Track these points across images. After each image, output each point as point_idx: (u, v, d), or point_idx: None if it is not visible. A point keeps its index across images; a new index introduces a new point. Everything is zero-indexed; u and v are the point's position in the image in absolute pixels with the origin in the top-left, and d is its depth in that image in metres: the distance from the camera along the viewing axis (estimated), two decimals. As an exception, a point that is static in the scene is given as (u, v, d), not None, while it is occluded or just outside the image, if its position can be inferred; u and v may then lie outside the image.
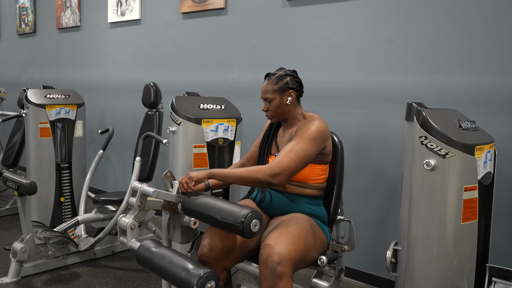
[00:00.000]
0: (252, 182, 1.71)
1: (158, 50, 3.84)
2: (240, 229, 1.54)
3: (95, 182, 4.56)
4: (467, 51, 2.27)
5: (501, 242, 2.21)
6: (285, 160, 1.71)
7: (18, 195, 2.44)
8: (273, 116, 1.91)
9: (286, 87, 1.86)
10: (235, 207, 1.60)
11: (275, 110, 1.89)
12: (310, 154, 1.75)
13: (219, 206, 1.64)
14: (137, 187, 1.78)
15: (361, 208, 2.69)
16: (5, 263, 2.80)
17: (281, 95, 1.87)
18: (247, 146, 3.09)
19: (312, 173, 1.86)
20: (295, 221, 1.75)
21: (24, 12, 5.37)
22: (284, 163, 1.70)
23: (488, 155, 1.67)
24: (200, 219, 1.72)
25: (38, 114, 3.22)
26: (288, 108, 1.89)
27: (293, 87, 1.88)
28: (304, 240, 1.68)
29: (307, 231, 1.73)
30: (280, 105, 1.88)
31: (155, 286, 2.59)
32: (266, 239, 1.65)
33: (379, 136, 2.59)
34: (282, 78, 1.87)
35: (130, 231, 1.79)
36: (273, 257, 1.56)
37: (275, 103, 1.88)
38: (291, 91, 1.87)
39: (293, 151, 1.73)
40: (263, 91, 1.90)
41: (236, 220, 1.55)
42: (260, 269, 1.60)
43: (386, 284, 2.61)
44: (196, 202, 1.71)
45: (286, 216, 1.83)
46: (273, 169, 1.69)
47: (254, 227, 1.55)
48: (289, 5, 2.93)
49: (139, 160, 2.74)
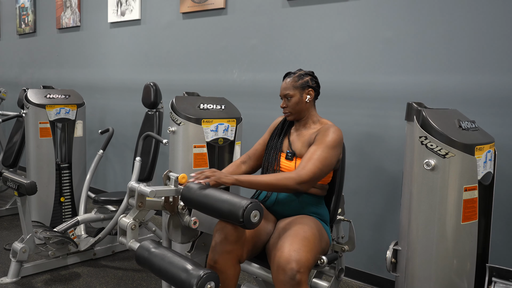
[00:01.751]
0: (280, 189, 1.76)
1: (158, 50, 3.84)
2: (239, 219, 1.52)
3: (95, 182, 4.57)
4: (467, 51, 2.27)
5: (501, 242, 2.21)
6: (313, 168, 1.76)
7: (18, 195, 2.44)
8: (291, 113, 1.95)
9: (306, 85, 1.93)
10: (235, 197, 1.59)
11: (293, 107, 1.93)
12: (332, 162, 1.81)
13: (219, 197, 1.62)
14: (134, 187, 1.77)
15: (361, 208, 2.69)
16: (5, 263, 2.80)
17: (301, 92, 1.93)
18: (247, 146, 3.09)
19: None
20: (306, 224, 1.75)
21: (24, 12, 5.37)
22: (312, 171, 1.75)
23: (488, 155, 1.67)
24: (200, 209, 1.71)
25: (38, 114, 3.22)
26: (306, 107, 1.94)
27: (312, 86, 1.95)
28: (317, 245, 1.70)
29: (318, 235, 1.74)
30: (299, 102, 1.93)
31: (155, 286, 2.59)
32: (281, 242, 1.64)
33: (379, 136, 2.59)
34: (303, 76, 1.94)
35: (130, 231, 1.78)
36: (292, 264, 1.55)
37: (294, 100, 1.92)
38: (310, 90, 1.94)
39: (319, 160, 1.77)
40: (284, 88, 1.95)
41: (236, 210, 1.53)
42: (278, 276, 1.58)
43: (386, 284, 2.61)
44: (196, 192, 1.70)
45: (295, 218, 1.83)
46: (302, 177, 1.74)
47: (254, 218, 1.54)
48: (289, 5, 2.93)
49: (139, 160, 2.74)
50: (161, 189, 1.75)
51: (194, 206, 1.72)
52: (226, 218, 1.60)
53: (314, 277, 1.91)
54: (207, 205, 1.64)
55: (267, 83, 3.07)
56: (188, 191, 1.72)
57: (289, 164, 1.92)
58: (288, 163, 1.92)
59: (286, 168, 1.92)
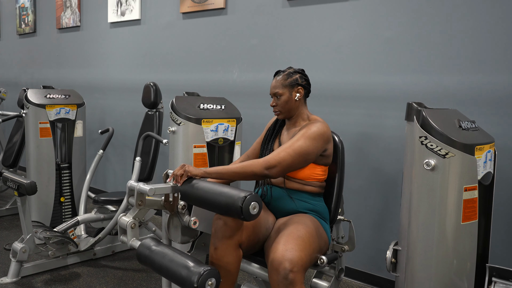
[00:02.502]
0: (248, 175, 1.76)
1: (158, 50, 3.84)
2: (239, 211, 1.52)
3: (95, 182, 4.57)
4: (467, 51, 2.27)
5: (501, 242, 2.21)
6: (282, 153, 1.76)
7: (18, 195, 2.44)
8: (281, 112, 1.95)
9: (295, 83, 1.92)
10: (234, 190, 1.59)
11: (283, 106, 1.93)
12: (308, 152, 1.79)
13: (218, 190, 1.63)
14: (133, 186, 1.77)
15: (361, 208, 2.69)
16: (5, 263, 2.80)
17: (290, 90, 1.92)
18: (247, 146, 3.09)
19: (313, 172, 1.88)
20: (302, 223, 1.75)
21: (24, 12, 5.37)
22: (280, 156, 1.76)
23: (488, 155, 1.68)
24: (199, 204, 1.71)
25: (38, 114, 3.22)
26: (296, 105, 1.94)
27: (302, 84, 1.94)
28: (312, 244, 1.69)
29: (314, 234, 1.74)
30: (289, 101, 1.92)
31: (155, 286, 2.59)
32: (275, 242, 1.65)
33: (379, 136, 2.59)
34: (292, 74, 1.94)
35: (131, 230, 1.79)
36: (284, 264, 1.55)
37: (284, 98, 1.92)
38: (300, 88, 1.93)
39: (291, 147, 1.78)
40: (273, 87, 1.94)
41: (234, 202, 1.53)
42: (272, 276, 1.59)
43: (386, 284, 2.61)
44: (195, 187, 1.71)
45: (291, 217, 1.83)
46: (268, 161, 1.74)
47: (253, 210, 1.54)
48: (289, 5, 2.93)
49: (139, 160, 2.74)
50: (160, 187, 1.75)
51: (193, 201, 1.73)
52: (225, 211, 1.60)
53: (314, 277, 1.91)
54: (206, 200, 1.65)
55: (267, 83, 3.07)
56: (188, 187, 1.73)
57: None
58: None
59: None
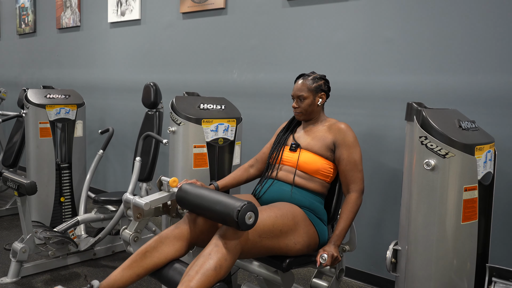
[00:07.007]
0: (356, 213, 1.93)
1: (158, 50, 3.84)
2: (234, 220, 1.52)
3: (95, 182, 4.57)
4: (467, 51, 2.27)
5: (501, 242, 2.21)
6: (359, 175, 1.94)
7: (18, 195, 2.44)
8: (302, 113, 2.03)
9: (320, 89, 2.01)
10: (230, 199, 1.59)
11: (306, 108, 2.01)
12: (361, 156, 1.98)
13: (214, 198, 1.62)
14: (129, 199, 1.76)
15: (361, 208, 2.68)
16: (5, 263, 2.80)
17: (314, 95, 2.01)
18: (247, 146, 3.09)
19: (323, 167, 1.93)
20: (279, 208, 1.79)
21: (24, 12, 5.37)
22: (360, 177, 1.94)
23: (488, 155, 1.67)
24: (194, 210, 1.71)
25: (38, 114, 3.22)
26: (317, 109, 2.03)
27: (325, 90, 2.03)
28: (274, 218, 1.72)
29: (285, 214, 1.77)
30: (311, 104, 2.01)
31: (155, 286, 2.58)
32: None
33: (379, 136, 2.59)
34: (317, 80, 2.02)
35: (134, 243, 1.79)
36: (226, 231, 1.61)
37: (307, 102, 2.00)
38: (323, 94, 2.02)
39: (356, 164, 1.93)
40: (298, 89, 2.01)
41: (230, 211, 1.53)
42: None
43: (386, 284, 2.61)
44: (191, 193, 1.70)
45: (275, 203, 1.87)
46: (361, 189, 1.94)
47: (248, 220, 1.54)
48: (289, 5, 2.93)
49: (139, 160, 2.74)
50: (155, 198, 1.74)
51: (189, 208, 1.72)
52: (221, 220, 1.60)
53: (314, 277, 1.91)
54: (202, 207, 1.65)
55: (267, 83, 3.07)
56: (183, 193, 1.72)
57: (291, 156, 1.97)
58: (291, 154, 1.98)
59: (288, 159, 1.98)
